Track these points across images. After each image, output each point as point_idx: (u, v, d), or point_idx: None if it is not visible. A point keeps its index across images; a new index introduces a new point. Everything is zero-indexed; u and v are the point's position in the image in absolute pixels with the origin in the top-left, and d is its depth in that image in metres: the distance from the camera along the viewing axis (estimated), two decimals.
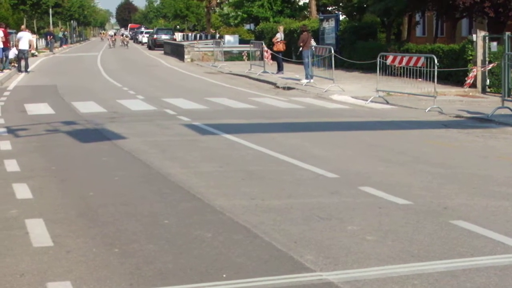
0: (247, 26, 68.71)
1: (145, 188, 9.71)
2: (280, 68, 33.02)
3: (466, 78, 22.45)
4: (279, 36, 32.93)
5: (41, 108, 19.86)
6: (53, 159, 11.98)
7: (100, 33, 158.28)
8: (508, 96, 19.46)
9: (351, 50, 34.30)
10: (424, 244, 7.03)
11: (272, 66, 33.64)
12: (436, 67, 19.79)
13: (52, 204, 8.77)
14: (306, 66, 28.26)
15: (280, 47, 32.68)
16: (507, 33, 22.35)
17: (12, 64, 36.72)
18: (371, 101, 21.11)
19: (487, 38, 24.23)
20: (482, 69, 23.37)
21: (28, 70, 35.70)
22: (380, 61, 22.37)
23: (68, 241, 7.17)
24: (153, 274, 6.18)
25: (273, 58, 32.89)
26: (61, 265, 6.44)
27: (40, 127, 15.77)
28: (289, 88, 26.48)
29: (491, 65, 22.89)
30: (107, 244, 7.08)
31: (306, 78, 27.93)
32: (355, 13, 43.07)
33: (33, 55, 51.07)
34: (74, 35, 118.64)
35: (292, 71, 33.11)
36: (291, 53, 39.86)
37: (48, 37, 67.13)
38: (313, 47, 28.64)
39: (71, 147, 13.31)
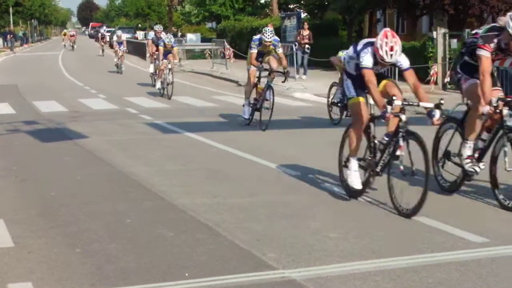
0: (209, 25, 68.65)
1: (107, 187, 9.66)
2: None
3: (429, 76, 22.63)
4: None
5: (1, 108, 19.65)
6: (14, 159, 11.86)
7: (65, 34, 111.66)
8: None
9: (313, 48, 34.32)
10: (386, 240, 7.07)
11: (234, 63, 33.56)
12: None
13: (13, 204, 8.70)
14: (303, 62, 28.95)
15: None
16: (467, 30, 22.55)
17: None
18: None
19: (447, 35, 24.42)
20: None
21: None
22: None
23: (29, 241, 7.11)
24: (115, 274, 6.16)
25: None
26: (22, 266, 6.39)
27: (1, 127, 15.61)
28: None
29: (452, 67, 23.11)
30: (69, 244, 7.03)
31: (304, 73, 28.62)
32: (316, 10, 43.21)
33: None
34: (35, 34, 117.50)
35: None
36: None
37: (9, 36, 66.48)
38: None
39: (32, 146, 13.19)
